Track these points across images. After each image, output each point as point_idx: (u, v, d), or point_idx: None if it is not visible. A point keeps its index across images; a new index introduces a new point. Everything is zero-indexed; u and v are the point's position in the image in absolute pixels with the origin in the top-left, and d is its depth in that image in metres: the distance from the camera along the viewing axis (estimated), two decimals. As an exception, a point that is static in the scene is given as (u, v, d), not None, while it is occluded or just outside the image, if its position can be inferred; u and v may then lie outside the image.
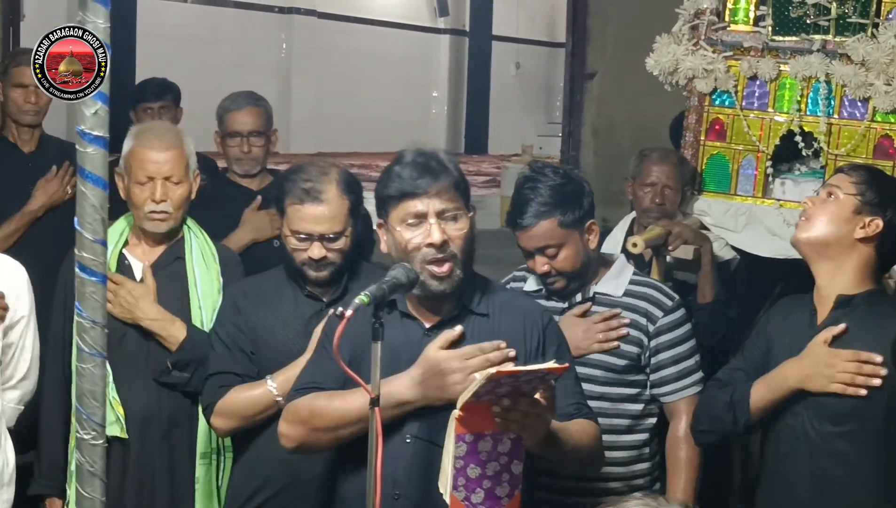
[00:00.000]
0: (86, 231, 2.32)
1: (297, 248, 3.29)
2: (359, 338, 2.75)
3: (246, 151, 4.66)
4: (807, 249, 3.15)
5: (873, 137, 4.19)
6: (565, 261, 3.36)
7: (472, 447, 2.60)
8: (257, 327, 3.35)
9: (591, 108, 7.52)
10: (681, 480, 3.41)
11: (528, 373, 2.50)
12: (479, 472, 2.61)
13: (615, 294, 3.42)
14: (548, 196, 3.32)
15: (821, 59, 4.19)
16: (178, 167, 3.55)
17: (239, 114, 4.70)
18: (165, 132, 3.70)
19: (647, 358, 3.41)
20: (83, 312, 2.35)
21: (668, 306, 3.43)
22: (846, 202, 3.10)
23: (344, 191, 3.29)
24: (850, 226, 3.09)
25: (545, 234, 3.32)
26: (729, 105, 4.44)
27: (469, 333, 2.87)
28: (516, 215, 3.35)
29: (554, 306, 3.43)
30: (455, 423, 2.57)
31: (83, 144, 2.33)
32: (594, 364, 3.37)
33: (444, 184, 2.81)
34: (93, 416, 2.36)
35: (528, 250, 3.38)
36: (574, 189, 3.38)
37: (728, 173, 4.48)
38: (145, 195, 3.53)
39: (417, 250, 2.79)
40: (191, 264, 3.60)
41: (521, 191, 3.36)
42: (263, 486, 3.36)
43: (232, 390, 3.29)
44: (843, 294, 3.09)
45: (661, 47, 4.46)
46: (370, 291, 2.57)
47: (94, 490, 2.39)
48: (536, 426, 2.61)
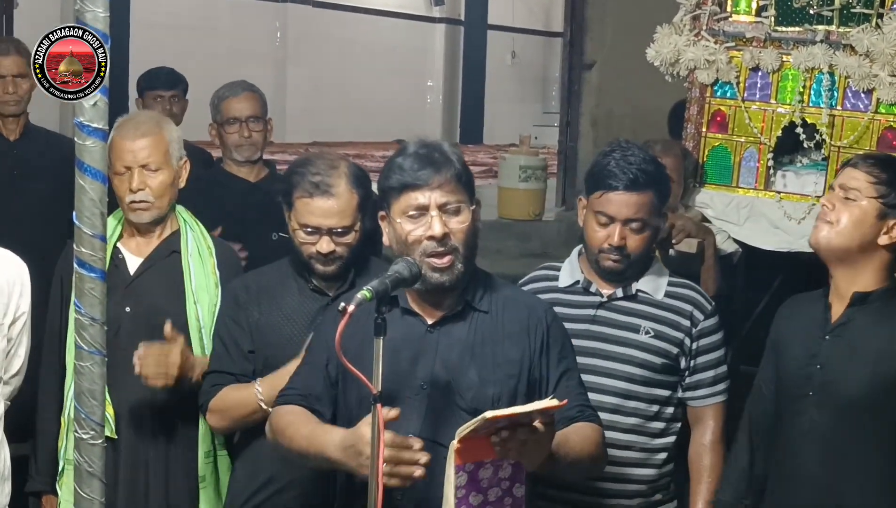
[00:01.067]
0: (84, 226, 2.29)
1: (306, 241, 3.25)
2: (356, 337, 2.71)
3: (246, 137, 4.64)
4: (827, 253, 3.10)
5: (877, 129, 4.17)
6: (641, 242, 3.28)
7: (473, 475, 2.56)
8: (260, 322, 3.31)
9: (589, 98, 7.50)
10: (704, 486, 3.37)
11: (526, 414, 2.47)
12: (480, 499, 2.58)
13: (656, 295, 3.36)
14: (650, 169, 3.25)
15: (824, 49, 4.17)
16: (155, 154, 3.47)
17: (236, 100, 4.69)
18: (144, 120, 3.63)
19: (687, 360, 3.35)
20: (82, 308, 2.32)
21: (708, 310, 3.38)
22: (869, 208, 3.03)
23: (353, 185, 3.25)
24: (874, 231, 3.04)
25: (643, 205, 3.23)
26: (731, 96, 4.42)
27: (472, 331, 2.83)
28: (613, 178, 3.23)
29: (591, 299, 3.36)
30: (454, 455, 2.53)
31: (82, 137, 2.29)
32: (636, 362, 3.30)
33: (446, 176, 2.77)
34: (91, 415, 2.33)
35: (614, 216, 3.24)
36: (666, 174, 3.36)
37: (730, 166, 4.45)
38: (125, 186, 3.47)
39: (418, 243, 2.75)
40: (186, 259, 3.54)
41: (611, 157, 3.26)
42: (266, 483, 3.33)
43: (225, 389, 3.26)
44: (860, 291, 3.06)
45: (662, 38, 4.43)
46: (372, 286, 2.54)
47: (92, 491, 2.36)
48: (535, 452, 2.56)
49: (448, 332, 2.84)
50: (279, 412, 2.88)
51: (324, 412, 2.86)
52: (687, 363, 3.34)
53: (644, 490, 3.36)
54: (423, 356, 2.81)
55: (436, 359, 2.79)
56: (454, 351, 2.81)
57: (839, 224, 3.05)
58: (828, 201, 3.11)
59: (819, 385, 3.07)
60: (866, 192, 3.04)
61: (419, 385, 2.78)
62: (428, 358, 2.81)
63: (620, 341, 3.31)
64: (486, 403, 2.76)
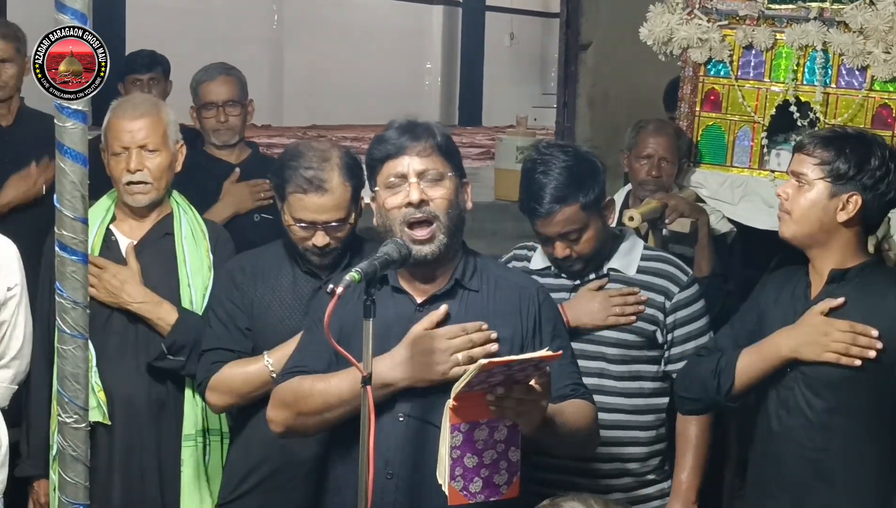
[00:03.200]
0: (65, 208, 2.28)
1: (301, 235, 3.23)
2: (349, 315, 2.70)
3: (223, 121, 4.62)
4: (795, 242, 3.11)
5: (871, 107, 4.15)
6: (587, 244, 3.27)
7: (468, 436, 2.56)
8: (255, 303, 3.30)
9: (586, 79, 7.47)
10: (689, 457, 3.38)
11: (521, 362, 2.46)
12: (476, 461, 2.58)
13: (628, 271, 3.35)
14: (566, 179, 3.20)
15: (818, 27, 4.14)
16: (153, 135, 3.47)
17: (212, 84, 4.66)
18: (141, 102, 3.63)
19: (664, 334, 3.35)
20: (64, 292, 2.31)
21: (683, 282, 3.38)
22: (819, 190, 3.03)
23: (346, 177, 3.21)
24: (829, 211, 3.03)
25: (568, 219, 3.22)
26: (724, 75, 4.39)
27: (462, 309, 2.82)
28: (533, 202, 3.22)
29: (563, 283, 3.37)
30: (449, 413, 2.53)
31: (62, 119, 2.28)
32: (609, 342, 3.32)
33: (424, 145, 2.78)
34: (75, 399, 2.32)
35: (549, 236, 3.26)
36: (589, 168, 3.28)
37: (724, 145, 4.44)
38: (121, 166, 3.46)
39: (398, 211, 2.75)
40: (180, 241, 3.53)
41: (532, 175, 3.24)
42: (259, 466, 3.32)
43: (227, 366, 3.24)
44: (836, 268, 3.06)
45: (655, 17, 4.40)
46: (361, 267, 2.53)
47: (77, 475, 2.35)
48: (532, 412, 2.56)
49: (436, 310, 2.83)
50: (282, 388, 2.85)
51: None
52: (664, 336, 3.34)
53: (633, 469, 3.36)
54: None
55: None
56: None
57: (795, 212, 3.05)
58: (783, 190, 3.11)
59: (800, 361, 3.06)
60: (813, 174, 3.03)
61: None
62: None
63: None
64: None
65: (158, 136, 3.48)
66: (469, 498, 2.59)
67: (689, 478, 3.36)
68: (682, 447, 3.40)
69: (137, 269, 3.45)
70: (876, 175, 3.01)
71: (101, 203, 3.55)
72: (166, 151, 3.50)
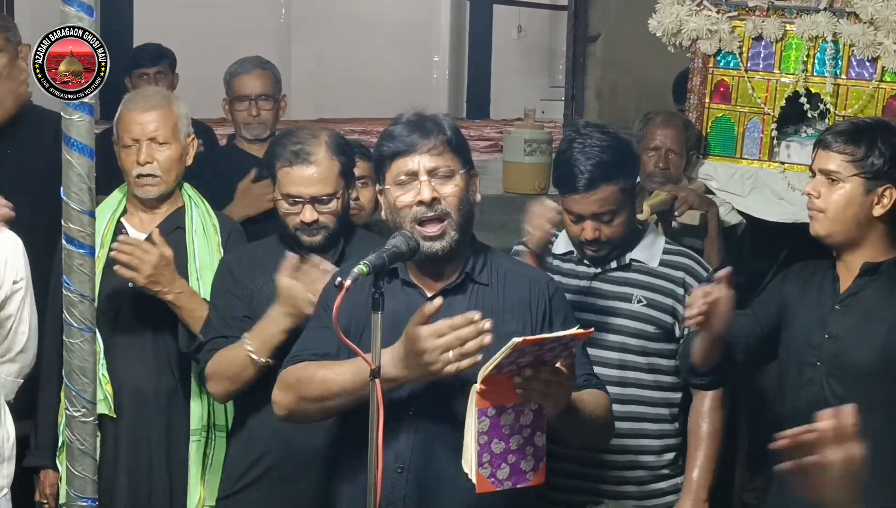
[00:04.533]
0: (72, 201, 2.27)
1: (289, 212, 3.24)
2: (358, 309, 2.69)
3: (255, 115, 4.62)
4: (828, 241, 3.06)
5: (882, 98, 4.14)
6: (618, 228, 3.25)
7: (495, 421, 2.53)
8: (254, 294, 3.30)
9: (594, 71, 7.47)
10: (701, 453, 3.36)
11: (553, 340, 2.44)
12: (503, 447, 2.55)
13: (651, 263, 3.34)
14: (609, 158, 3.18)
15: (828, 18, 4.13)
16: (163, 127, 3.47)
17: (247, 77, 4.66)
18: (152, 94, 3.64)
19: (682, 328, 3.32)
20: (71, 285, 2.30)
21: (703, 277, 3.36)
22: (853, 186, 2.98)
23: (334, 152, 3.23)
24: (866, 207, 2.99)
25: (605, 199, 3.19)
26: (734, 66, 4.38)
27: (472, 303, 2.80)
28: (572, 177, 3.19)
29: (585, 270, 3.36)
30: (476, 397, 2.50)
31: (69, 112, 2.28)
32: (629, 332, 3.30)
33: (435, 141, 2.75)
34: (83, 392, 2.31)
35: (582, 214, 3.23)
36: (630, 152, 3.29)
37: (733, 136, 4.43)
38: (132, 159, 3.46)
39: (408, 209, 2.73)
40: (190, 235, 3.53)
41: (571, 152, 3.20)
42: (260, 459, 3.32)
43: (216, 354, 3.24)
44: (869, 262, 3.03)
45: (665, 8, 4.39)
46: (370, 260, 2.51)
47: (85, 469, 2.34)
48: (558, 394, 2.55)
49: (448, 304, 2.79)
50: (288, 371, 2.82)
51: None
52: (681, 330, 3.32)
53: (647, 462, 3.35)
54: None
55: None
56: None
57: (830, 211, 3.01)
58: (812, 189, 3.05)
59: (829, 356, 3.04)
60: (846, 171, 2.98)
61: None
62: None
63: (614, 311, 3.30)
64: (486, 376, 2.75)
65: (168, 128, 3.48)
66: (497, 486, 2.56)
67: (700, 475, 3.35)
68: (693, 443, 3.38)
69: (171, 256, 3.42)
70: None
71: (112, 196, 3.54)
72: (176, 144, 3.50)
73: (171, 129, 3.48)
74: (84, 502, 2.37)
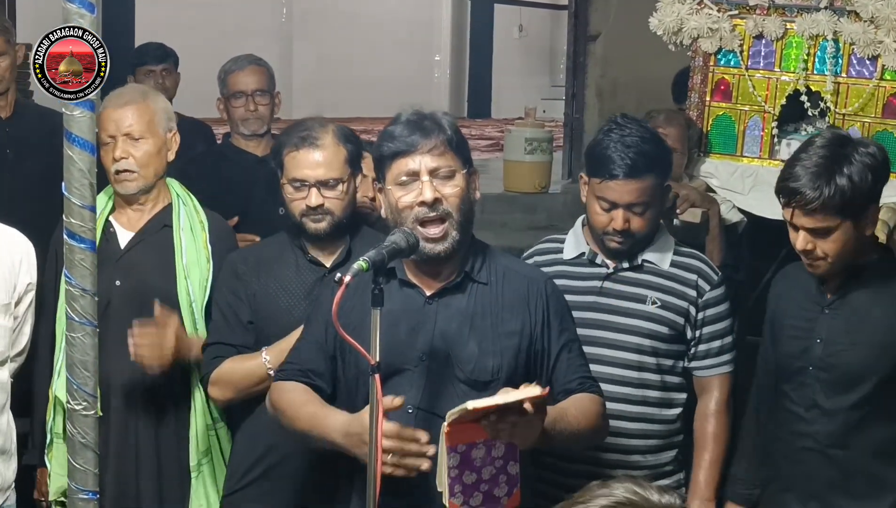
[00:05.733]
0: (73, 197, 2.28)
1: (295, 197, 3.25)
2: (354, 310, 2.69)
3: (252, 110, 4.64)
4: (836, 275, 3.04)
5: (882, 96, 4.14)
6: (645, 222, 3.23)
7: (466, 456, 2.55)
8: (258, 293, 3.30)
9: (594, 69, 7.47)
10: (707, 455, 3.35)
11: (507, 405, 2.44)
12: (475, 478, 2.57)
13: (662, 265, 3.33)
14: (650, 150, 3.19)
15: (828, 16, 4.13)
16: (138, 122, 3.44)
17: (241, 74, 4.69)
18: (129, 91, 3.62)
19: (693, 330, 3.33)
20: (72, 279, 2.31)
21: (715, 280, 3.35)
22: (844, 229, 2.92)
23: (341, 140, 3.26)
24: (861, 234, 2.96)
25: (642, 190, 3.19)
26: (734, 65, 4.38)
27: (472, 302, 2.81)
28: (611, 164, 3.18)
29: (597, 271, 3.34)
30: (444, 437, 2.51)
31: (70, 108, 2.29)
32: (643, 333, 3.28)
33: (436, 141, 2.75)
34: (84, 386, 2.32)
35: (616, 202, 3.20)
36: (667, 151, 3.31)
37: (734, 135, 4.43)
38: (109, 156, 3.45)
39: (410, 210, 2.73)
40: (178, 233, 3.51)
41: (611, 141, 3.20)
42: (265, 455, 3.33)
43: (227, 361, 3.25)
44: (854, 263, 3.02)
45: (665, 6, 4.39)
46: (369, 256, 2.52)
47: (86, 462, 2.35)
48: (527, 432, 2.54)
49: (447, 303, 2.82)
50: (279, 388, 2.88)
51: (324, 387, 2.86)
52: (693, 332, 3.32)
53: (650, 462, 3.35)
54: (421, 328, 2.79)
55: (434, 331, 2.77)
56: (453, 323, 2.79)
57: (832, 255, 2.96)
58: (805, 245, 2.96)
59: (819, 359, 3.05)
60: (831, 222, 2.91)
61: (418, 357, 2.76)
62: (427, 330, 2.79)
63: (628, 312, 3.29)
64: (486, 374, 2.76)
65: (144, 123, 3.45)
66: None
67: (706, 476, 3.34)
68: (700, 444, 3.38)
69: (177, 322, 3.36)
70: (877, 177, 2.93)
71: (100, 196, 3.53)
72: (154, 139, 3.47)
73: (147, 123, 3.46)
74: (85, 494, 2.37)
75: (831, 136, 3.00)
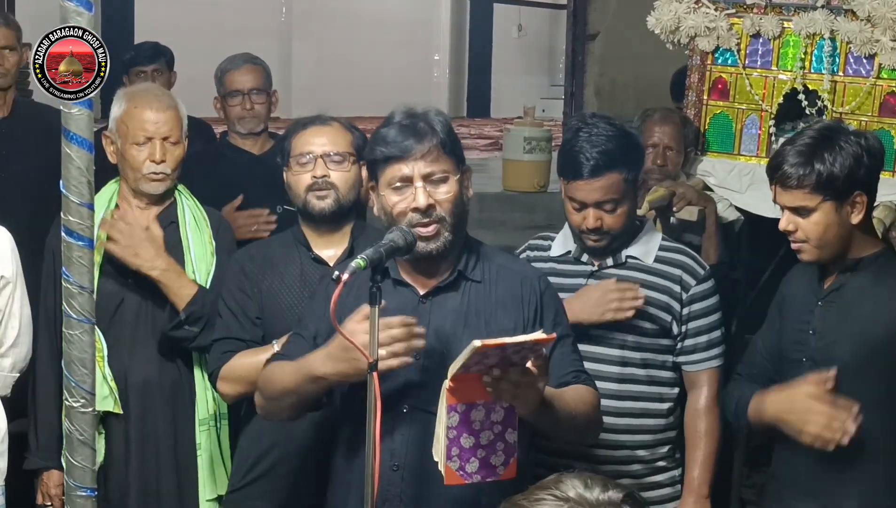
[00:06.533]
0: (72, 194, 2.29)
1: (301, 173, 3.30)
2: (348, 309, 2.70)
3: (248, 109, 4.66)
4: (822, 262, 3.07)
5: (879, 95, 4.14)
6: (619, 218, 3.25)
7: (465, 416, 2.55)
8: (264, 290, 3.32)
9: (593, 69, 7.48)
10: (700, 452, 3.37)
11: (515, 345, 2.44)
12: (472, 442, 2.57)
13: (646, 260, 3.34)
14: (614, 147, 3.20)
15: (825, 15, 4.13)
16: (175, 128, 3.54)
17: (238, 73, 4.71)
18: (161, 93, 3.70)
19: (679, 325, 3.34)
20: (70, 277, 2.32)
21: (700, 275, 3.36)
22: (824, 210, 2.96)
23: (347, 127, 3.38)
24: (844, 221, 2.98)
25: (609, 187, 3.20)
26: (732, 64, 4.39)
27: (465, 300, 2.83)
28: (576, 165, 3.20)
29: (582, 268, 3.36)
30: (446, 394, 2.53)
31: (68, 106, 2.29)
32: (625, 329, 3.30)
33: (429, 146, 2.75)
34: (81, 384, 2.32)
35: (584, 202, 3.23)
36: (635, 144, 3.31)
37: (731, 133, 4.43)
38: (143, 156, 3.50)
39: (403, 215, 2.74)
40: (184, 229, 3.58)
41: (577, 140, 3.22)
42: (268, 453, 3.34)
43: (237, 355, 3.25)
44: (851, 257, 3.04)
45: (663, 5, 4.40)
46: (367, 254, 2.53)
47: (84, 459, 2.35)
48: (528, 394, 2.54)
49: (441, 302, 2.83)
50: (262, 373, 2.90)
51: None
52: (679, 328, 3.33)
53: (643, 457, 3.36)
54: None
55: (429, 329, 2.77)
56: (447, 321, 2.80)
57: (813, 239, 3.00)
58: (787, 225, 3.02)
59: (813, 351, 3.06)
60: (812, 201, 2.95)
61: (413, 356, 2.77)
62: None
63: None
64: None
65: (178, 129, 3.56)
66: (465, 479, 2.59)
67: (700, 473, 3.35)
68: (692, 441, 3.39)
69: (160, 235, 3.48)
70: (863, 162, 2.96)
71: (103, 192, 3.56)
72: (182, 144, 3.58)
73: (180, 129, 3.57)
74: (83, 492, 2.38)
75: (827, 123, 3.04)
